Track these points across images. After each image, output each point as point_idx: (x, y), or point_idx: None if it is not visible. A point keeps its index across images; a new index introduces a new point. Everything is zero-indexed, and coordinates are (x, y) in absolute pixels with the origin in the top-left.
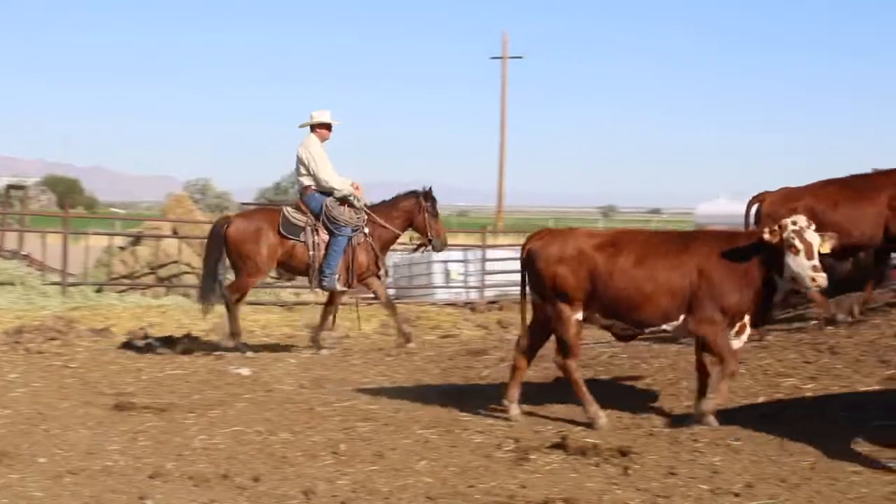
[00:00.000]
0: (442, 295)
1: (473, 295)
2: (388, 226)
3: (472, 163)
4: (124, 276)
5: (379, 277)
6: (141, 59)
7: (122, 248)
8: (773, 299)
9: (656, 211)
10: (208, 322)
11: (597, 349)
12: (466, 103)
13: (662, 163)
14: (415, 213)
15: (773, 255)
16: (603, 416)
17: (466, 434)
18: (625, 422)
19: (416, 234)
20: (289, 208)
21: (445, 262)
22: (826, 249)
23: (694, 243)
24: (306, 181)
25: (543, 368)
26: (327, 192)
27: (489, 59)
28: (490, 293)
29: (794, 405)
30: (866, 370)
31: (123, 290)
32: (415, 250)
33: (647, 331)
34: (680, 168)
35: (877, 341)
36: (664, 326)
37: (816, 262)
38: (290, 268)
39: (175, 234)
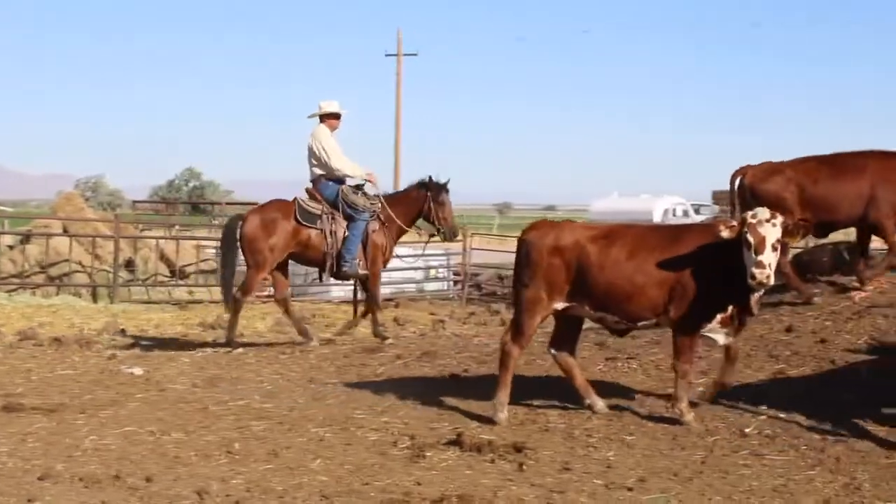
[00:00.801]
0: (337, 293)
1: None
2: (396, 218)
3: (368, 160)
4: (13, 276)
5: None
6: (36, 57)
7: (10, 248)
8: (748, 296)
9: (551, 208)
10: (99, 321)
11: (491, 345)
12: (361, 101)
13: (557, 160)
14: (421, 203)
15: (738, 249)
16: (504, 412)
17: (361, 432)
18: (520, 417)
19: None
20: (302, 198)
21: None
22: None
23: (681, 237)
24: (318, 171)
25: (438, 365)
26: (340, 180)
27: (384, 56)
28: (386, 290)
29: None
30: (756, 364)
31: (13, 290)
32: (427, 241)
33: (638, 324)
34: (574, 165)
35: (766, 336)
36: (654, 320)
37: (765, 257)
38: (305, 257)
39: (66, 232)
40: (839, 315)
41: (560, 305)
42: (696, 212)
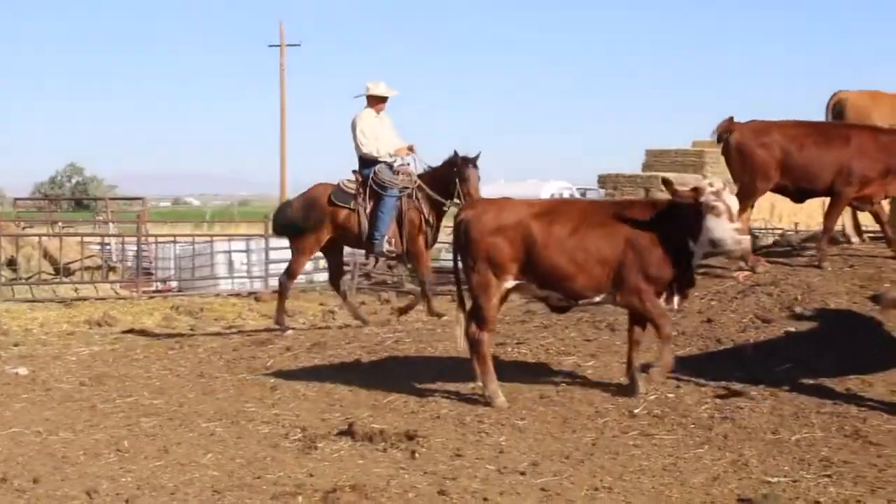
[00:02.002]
0: (225, 285)
1: (258, 285)
2: (434, 193)
3: (254, 152)
4: None
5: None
6: None
7: None
8: (691, 266)
9: None
10: None
11: (381, 335)
12: (246, 93)
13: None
14: (450, 179)
15: (688, 221)
16: (500, 396)
17: (252, 425)
18: (411, 406)
19: None
20: (345, 179)
21: (228, 252)
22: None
23: (622, 213)
24: (358, 152)
25: (329, 356)
26: (373, 161)
27: (267, 47)
28: (275, 282)
29: (576, 383)
30: (644, 345)
31: None
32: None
33: (580, 302)
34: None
35: None
36: (596, 298)
37: (738, 224)
38: (345, 238)
39: None
40: (724, 295)
41: (510, 284)
42: (583, 195)
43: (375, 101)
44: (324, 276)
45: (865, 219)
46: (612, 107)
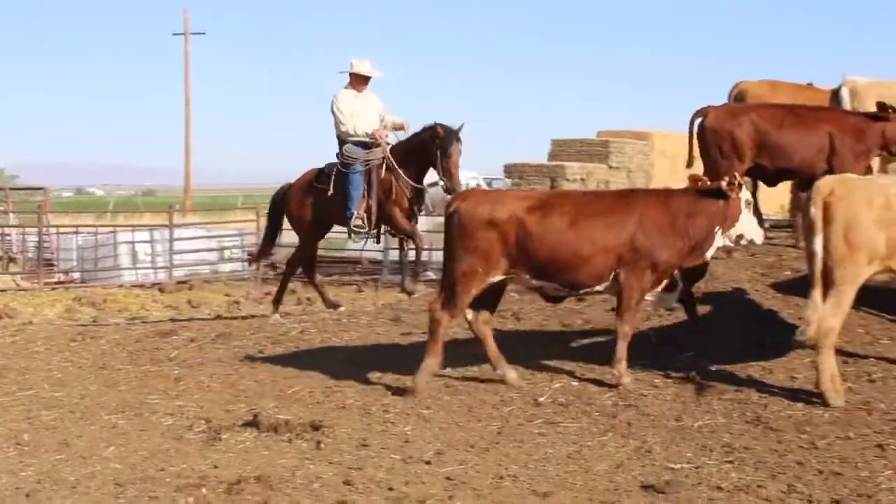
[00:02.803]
0: (129, 276)
1: (162, 275)
2: (399, 170)
3: (158, 142)
4: None
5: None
6: None
7: None
8: (707, 254)
9: None
10: None
11: (287, 325)
12: (150, 81)
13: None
14: (427, 151)
15: (721, 212)
16: (426, 379)
17: (156, 417)
18: (316, 396)
19: None
20: (329, 162)
21: (132, 242)
22: None
23: (631, 201)
24: (336, 131)
25: (234, 347)
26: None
27: (171, 35)
28: (179, 273)
29: (481, 372)
30: (550, 334)
31: None
32: (426, 187)
33: (580, 292)
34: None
35: (559, 306)
36: (597, 287)
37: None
38: (327, 217)
39: None
40: None
41: (497, 278)
42: (489, 185)
43: (358, 80)
44: (229, 267)
45: (766, 208)
46: (519, 96)
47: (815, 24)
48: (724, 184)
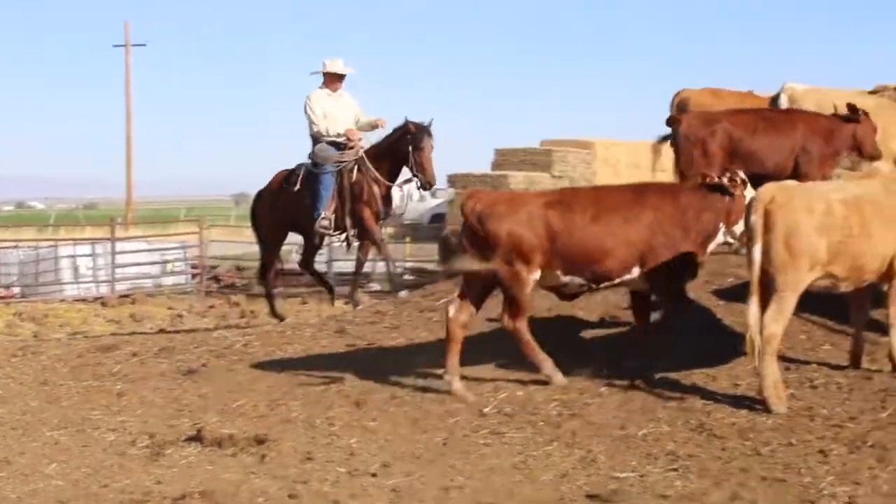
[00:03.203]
0: (71, 291)
1: (104, 289)
2: (374, 169)
3: (100, 154)
4: None
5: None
6: None
7: None
8: (706, 251)
9: None
10: None
11: (230, 338)
12: (90, 94)
13: (292, 148)
14: (400, 149)
15: (727, 209)
16: (559, 374)
17: (98, 433)
18: (261, 410)
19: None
20: (300, 163)
21: (73, 256)
22: None
23: (648, 195)
24: (309, 132)
25: (177, 361)
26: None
27: (112, 47)
28: (121, 287)
29: (427, 383)
30: (495, 344)
31: None
32: (401, 185)
33: (603, 285)
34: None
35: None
36: (623, 279)
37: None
38: (295, 219)
39: None
40: None
41: (537, 274)
42: (433, 195)
43: (332, 80)
44: (172, 280)
45: None
46: (461, 106)
47: (754, 32)
48: (725, 180)
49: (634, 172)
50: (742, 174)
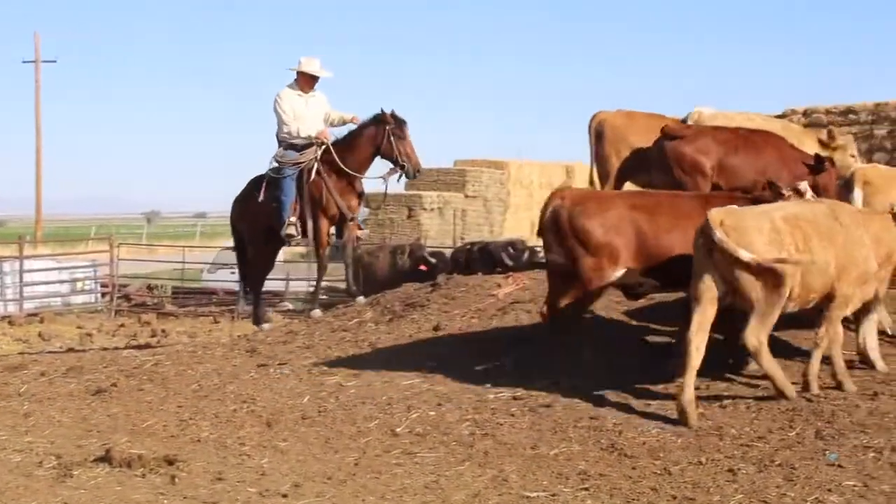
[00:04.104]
0: None
1: (11, 308)
2: (344, 166)
3: (9, 171)
4: None
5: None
6: None
7: None
8: None
9: (202, 215)
10: None
11: (140, 357)
12: None
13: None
14: (378, 140)
15: None
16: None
17: (4, 454)
18: (171, 430)
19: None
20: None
21: None
22: None
23: (716, 202)
24: (277, 133)
25: (86, 380)
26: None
27: (21, 62)
28: (30, 305)
29: (338, 403)
30: (407, 364)
31: None
32: (383, 178)
33: (675, 290)
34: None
35: (415, 335)
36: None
37: None
38: (263, 226)
39: None
40: (484, 312)
41: (620, 272)
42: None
43: (305, 80)
44: (81, 299)
45: None
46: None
47: (663, 56)
48: (790, 192)
49: (547, 193)
50: (804, 186)
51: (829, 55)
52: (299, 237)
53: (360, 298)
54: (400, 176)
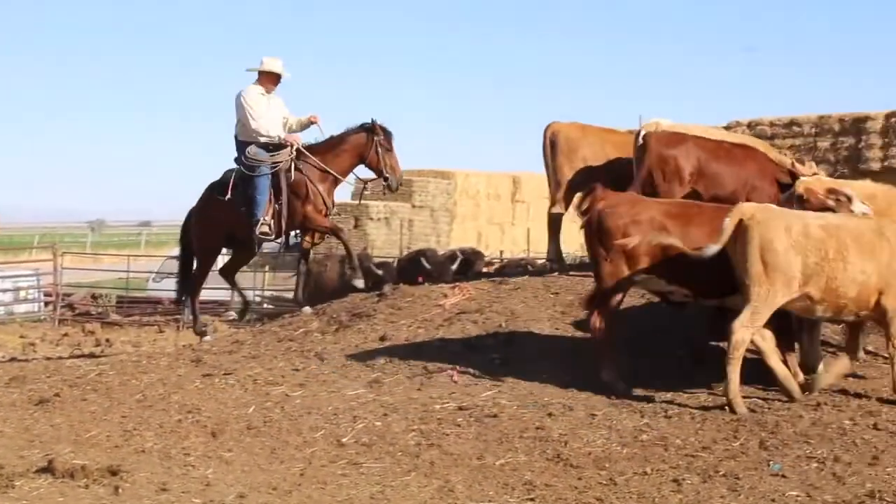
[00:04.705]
0: None
1: None
2: (328, 168)
3: None
4: None
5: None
6: None
7: None
8: None
9: (147, 223)
10: None
11: (84, 367)
12: None
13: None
14: (365, 148)
15: None
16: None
17: None
18: (115, 440)
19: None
20: (228, 169)
21: None
22: None
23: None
24: (236, 131)
25: (28, 390)
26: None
27: None
28: None
29: (284, 413)
30: (353, 374)
31: None
32: (364, 186)
33: (707, 301)
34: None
35: (361, 346)
36: (724, 298)
37: None
38: (233, 228)
39: None
40: (431, 323)
41: (639, 277)
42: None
43: (268, 79)
44: (24, 308)
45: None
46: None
47: (609, 68)
48: (832, 200)
49: (494, 203)
50: (847, 192)
51: (774, 67)
52: (272, 236)
53: (307, 309)
54: (384, 188)
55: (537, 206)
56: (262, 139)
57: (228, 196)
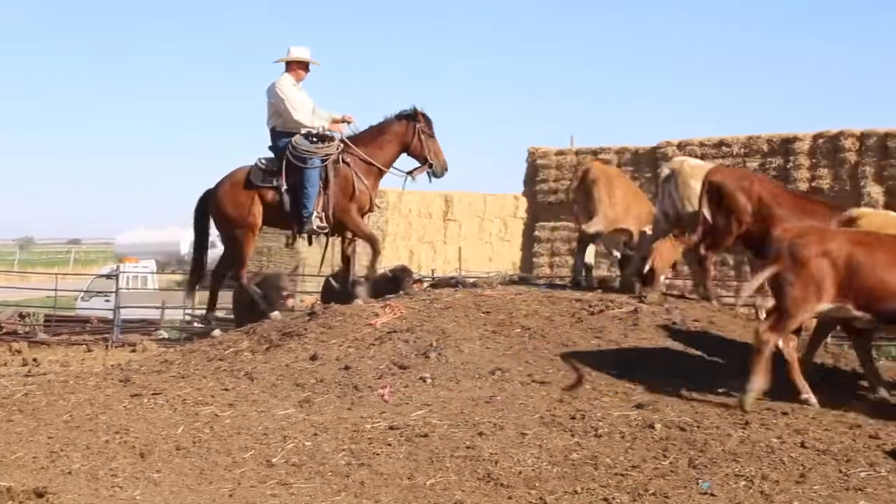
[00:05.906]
0: None
1: None
2: (371, 160)
3: None
4: None
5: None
6: None
7: None
8: None
9: (76, 241)
10: None
11: (10, 387)
12: None
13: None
14: (408, 136)
15: None
16: (760, 386)
17: None
18: (41, 461)
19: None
20: (262, 157)
21: None
22: None
23: None
24: (273, 122)
25: None
26: (287, 133)
27: None
28: None
29: (213, 433)
30: (283, 394)
31: None
32: (410, 174)
33: (890, 326)
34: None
35: (291, 365)
36: None
37: None
38: (274, 220)
39: None
40: (362, 342)
41: (825, 306)
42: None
43: (297, 68)
44: None
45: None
46: (248, 153)
47: (539, 87)
48: None
49: (427, 222)
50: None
51: (703, 89)
52: (328, 230)
53: (217, 332)
54: (430, 175)
55: (469, 224)
56: (305, 130)
57: (284, 185)
